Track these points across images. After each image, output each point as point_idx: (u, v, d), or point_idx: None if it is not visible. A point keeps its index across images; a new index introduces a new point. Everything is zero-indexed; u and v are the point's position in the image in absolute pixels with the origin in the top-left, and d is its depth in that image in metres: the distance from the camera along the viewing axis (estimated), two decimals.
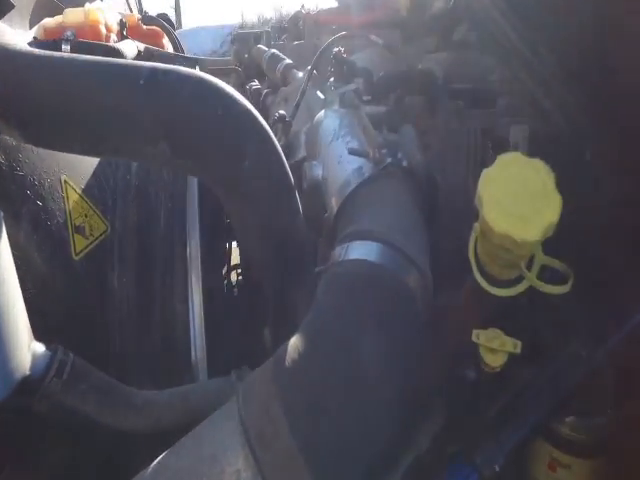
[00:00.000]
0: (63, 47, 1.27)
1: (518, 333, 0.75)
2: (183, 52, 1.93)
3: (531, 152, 1.03)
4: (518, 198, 0.49)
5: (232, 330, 1.02)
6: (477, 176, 0.97)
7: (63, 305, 0.78)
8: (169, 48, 1.84)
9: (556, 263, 0.54)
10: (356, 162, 0.73)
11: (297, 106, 0.98)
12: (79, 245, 0.81)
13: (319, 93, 1.05)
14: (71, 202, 0.82)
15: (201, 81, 0.60)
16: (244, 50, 1.47)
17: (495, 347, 0.60)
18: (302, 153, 0.96)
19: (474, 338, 0.63)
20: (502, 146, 0.94)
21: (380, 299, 0.56)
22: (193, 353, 0.88)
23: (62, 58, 0.61)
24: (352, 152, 0.70)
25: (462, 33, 1.04)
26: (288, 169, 0.66)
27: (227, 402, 0.58)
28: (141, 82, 0.58)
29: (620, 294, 0.81)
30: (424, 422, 0.78)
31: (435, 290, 0.71)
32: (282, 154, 0.65)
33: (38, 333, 0.72)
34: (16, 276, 0.61)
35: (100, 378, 0.68)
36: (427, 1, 0.72)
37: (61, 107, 0.60)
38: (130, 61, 0.62)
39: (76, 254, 0.80)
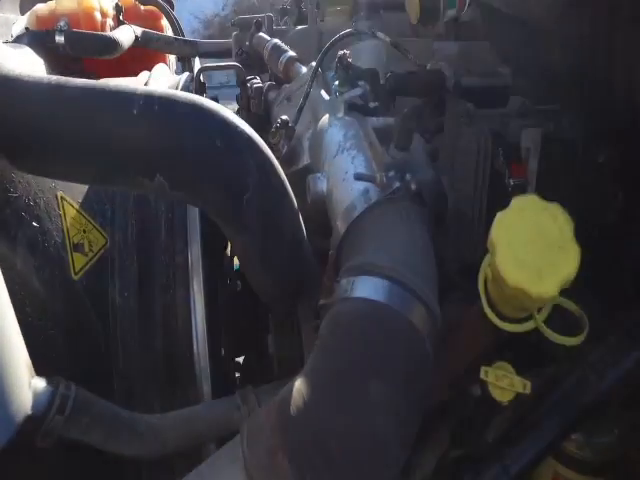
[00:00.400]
0: (57, 38, 1.22)
1: (525, 357, 0.74)
2: (182, 33, 1.86)
3: (543, 156, 1.00)
4: (533, 247, 0.47)
5: (235, 337, 1.02)
6: (486, 185, 0.94)
7: (64, 327, 0.77)
8: (168, 30, 1.78)
9: (571, 306, 0.52)
10: (362, 183, 0.71)
11: (300, 110, 0.94)
12: (78, 264, 0.79)
13: (323, 93, 1.00)
14: (68, 219, 0.80)
15: (199, 110, 0.57)
16: (245, 37, 1.41)
17: (504, 387, 0.59)
18: (306, 160, 0.93)
19: (482, 375, 0.61)
20: (514, 153, 0.91)
21: (387, 344, 0.54)
22: (196, 364, 0.88)
23: (50, 84, 0.57)
24: (358, 177, 0.67)
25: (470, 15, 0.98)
26: (292, 197, 0.63)
27: (231, 442, 0.58)
28: (134, 112, 0.55)
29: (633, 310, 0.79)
30: (429, 442, 0.78)
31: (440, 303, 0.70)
32: (286, 182, 0.62)
33: (39, 358, 0.71)
34: (12, 312, 0.59)
35: (103, 408, 0.67)
36: (438, 11, 0.68)
37: (50, 137, 0.57)
38: (123, 86, 0.59)
39: (75, 273, 0.79)
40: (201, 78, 1.16)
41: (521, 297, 0.48)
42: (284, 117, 0.92)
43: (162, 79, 1.16)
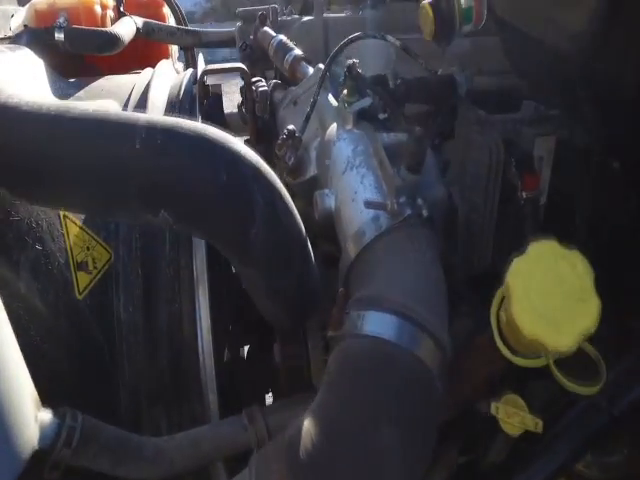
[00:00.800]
0: (56, 35, 1.19)
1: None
2: (185, 21, 1.81)
3: (557, 164, 0.97)
4: (551, 297, 0.45)
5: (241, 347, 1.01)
6: (497, 195, 0.92)
7: (69, 348, 0.76)
8: (170, 18, 1.73)
9: (590, 350, 0.51)
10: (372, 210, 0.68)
11: (307, 119, 0.91)
12: (82, 283, 0.79)
13: (331, 98, 0.97)
14: (72, 237, 0.78)
15: (204, 142, 0.55)
16: (249, 30, 1.37)
17: (515, 424, 0.58)
18: (313, 170, 0.91)
19: (492, 411, 0.61)
20: (527, 163, 0.88)
21: (397, 387, 0.53)
22: (203, 378, 0.88)
23: (49, 114, 0.55)
24: (368, 205, 0.65)
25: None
26: (300, 225, 0.62)
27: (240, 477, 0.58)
28: (137, 145, 0.52)
29: None
30: (438, 464, 0.78)
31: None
32: (294, 211, 0.60)
33: (45, 381, 0.71)
34: (16, 346, 0.59)
35: (110, 434, 0.67)
36: (454, 27, 0.65)
37: (48, 169, 0.55)
38: (126, 116, 0.56)
39: (80, 293, 0.78)
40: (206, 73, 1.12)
41: (536, 345, 0.47)
42: (290, 127, 0.90)
43: (165, 79, 1.13)
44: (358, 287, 0.65)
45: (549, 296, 0.46)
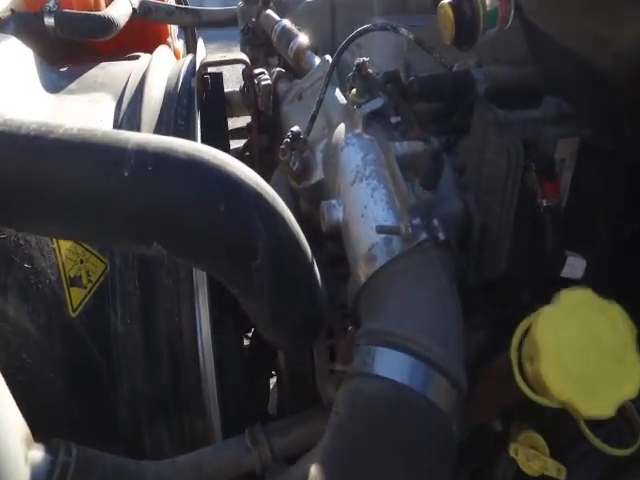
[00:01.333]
0: (46, 20, 1.12)
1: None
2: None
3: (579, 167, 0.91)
4: (586, 356, 0.41)
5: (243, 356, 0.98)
6: (514, 202, 0.87)
7: (65, 368, 0.73)
8: None
9: (628, 406, 0.46)
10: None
11: (313, 119, 0.85)
12: (76, 299, 0.74)
13: (338, 93, 0.91)
14: (64, 251, 0.74)
15: (199, 168, 0.49)
16: (251, 11, 1.29)
17: (536, 469, 0.55)
18: (319, 175, 0.85)
19: (512, 453, 0.57)
20: (547, 168, 0.83)
21: (410, 436, 0.50)
22: (205, 392, 0.84)
23: (29, 136, 0.50)
24: (381, 230, 0.60)
25: None
26: (307, 250, 0.57)
27: None
28: (125, 174, 0.47)
29: None
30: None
31: None
32: (300, 236, 0.56)
33: (40, 403, 0.68)
34: (4, 386, 0.55)
35: (107, 464, 0.64)
36: (477, 31, 0.58)
37: (29, 197, 0.50)
38: (113, 138, 0.51)
39: (74, 310, 0.74)
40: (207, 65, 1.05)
41: (567, 407, 0.42)
42: (295, 129, 0.84)
43: (162, 69, 1.07)
44: (368, 316, 0.61)
45: (584, 355, 0.41)
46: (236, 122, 1.59)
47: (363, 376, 0.54)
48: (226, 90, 1.13)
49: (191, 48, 1.73)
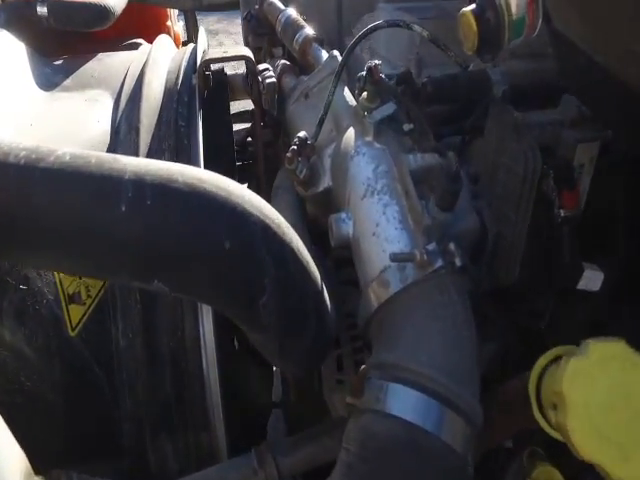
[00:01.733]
0: (39, 10, 1.06)
1: None
2: None
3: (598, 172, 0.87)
4: (618, 415, 0.38)
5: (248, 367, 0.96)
6: (529, 209, 0.83)
7: (66, 388, 0.71)
8: None
9: None
10: (396, 251, 0.60)
11: (321, 124, 0.81)
12: (75, 317, 0.72)
13: (347, 93, 0.86)
14: None
15: (202, 200, 0.46)
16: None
17: None
18: (327, 182, 0.81)
19: None
20: (566, 175, 0.79)
21: (424, 478, 0.47)
22: (209, 407, 0.83)
23: (19, 165, 0.46)
24: (394, 259, 0.57)
25: None
26: (317, 278, 0.54)
27: None
28: (122, 209, 0.44)
29: None
30: None
31: None
32: (309, 264, 0.52)
33: (40, 427, 0.66)
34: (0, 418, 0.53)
35: None
36: (501, 41, 0.53)
37: (20, 230, 0.47)
38: (109, 167, 0.47)
39: (73, 329, 0.71)
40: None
41: (595, 466, 0.40)
42: (302, 135, 0.79)
43: (162, 62, 1.02)
44: (380, 345, 0.58)
45: (615, 414, 0.38)
46: (238, 105, 1.54)
47: (375, 414, 0.52)
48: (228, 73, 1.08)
49: (192, 33, 1.66)
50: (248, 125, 1.40)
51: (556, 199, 0.78)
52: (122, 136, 0.89)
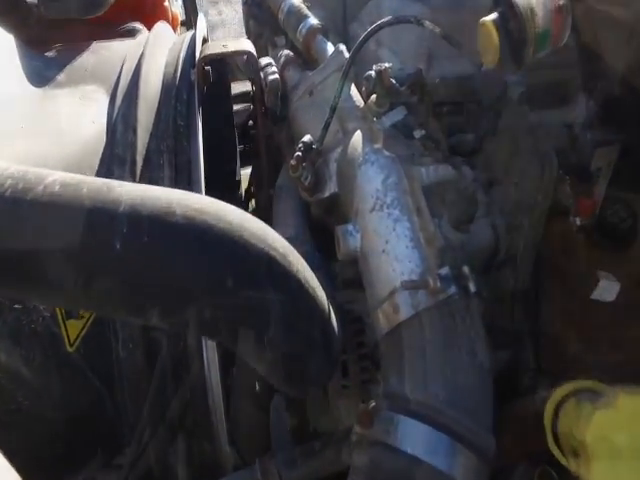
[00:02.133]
0: None
1: None
2: None
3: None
4: None
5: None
6: (544, 217, 0.80)
7: (66, 405, 0.69)
8: None
9: None
10: (406, 271, 0.57)
11: (327, 127, 0.77)
12: (73, 332, 0.70)
13: (354, 91, 0.82)
14: None
15: (202, 235, 0.43)
16: None
17: None
18: (333, 188, 0.78)
19: None
20: (583, 184, 0.76)
21: None
22: (212, 414, 0.81)
23: (3, 197, 0.43)
24: (406, 286, 0.54)
25: None
26: (324, 305, 0.51)
27: None
28: (117, 246, 0.41)
29: None
30: None
31: None
32: (317, 292, 0.50)
33: (41, 446, 0.65)
34: None
35: None
36: (524, 54, 0.49)
37: (9, 268, 0.44)
38: (103, 198, 0.43)
39: (71, 345, 0.69)
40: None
41: None
42: (306, 139, 0.76)
43: (159, 55, 0.97)
44: (390, 374, 0.56)
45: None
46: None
47: (384, 448, 0.50)
48: None
49: (190, 13, 1.60)
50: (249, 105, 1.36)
51: (572, 206, 0.75)
52: (119, 136, 0.85)
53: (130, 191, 0.44)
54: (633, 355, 0.53)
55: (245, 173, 1.39)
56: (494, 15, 0.49)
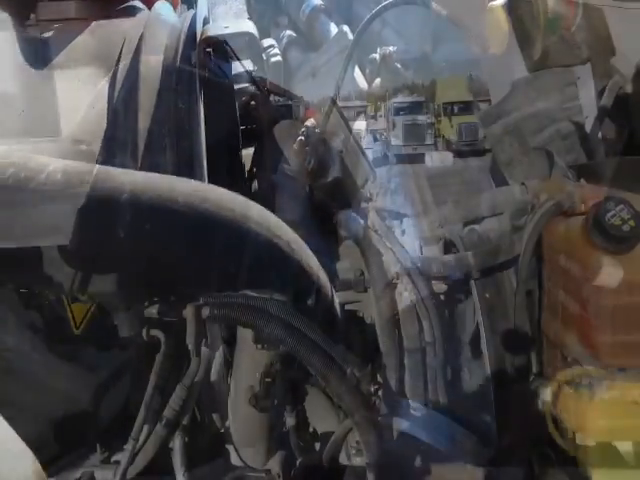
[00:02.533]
0: None
1: None
2: None
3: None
4: None
5: None
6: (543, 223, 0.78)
7: (74, 384, 0.70)
8: None
9: None
10: (409, 258, 0.57)
11: (328, 115, 0.76)
12: (79, 315, 0.70)
13: (357, 75, 0.81)
14: None
15: (204, 224, 0.43)
16: None
17: None
18: (336, 172, 0.77)
19: None
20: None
21: None
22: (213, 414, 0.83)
23: (5, 186, 0.43)
24: (408, 273, 0.54)
25: None
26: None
27: None
28: (121, 235, 0.41)
29: None
30: None
31: None
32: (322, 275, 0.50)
33: (50, 423, 0.67)
34: (12, 432, 0.52)
35: None
36: (534, 40, 0.48)
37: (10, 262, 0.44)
38: (105, 189, 0.43)
39: (77, 327, 0.70)
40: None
41: None
42: (309, 124, 0.75)
43: (159, 35, 0.95)
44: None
45: None
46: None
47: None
48: None
49: None
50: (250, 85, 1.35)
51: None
52: (120, 120, 0.84)
53: (132, 181, 0.44)
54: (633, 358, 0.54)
55: (247, 154, 1.38)
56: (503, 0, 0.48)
